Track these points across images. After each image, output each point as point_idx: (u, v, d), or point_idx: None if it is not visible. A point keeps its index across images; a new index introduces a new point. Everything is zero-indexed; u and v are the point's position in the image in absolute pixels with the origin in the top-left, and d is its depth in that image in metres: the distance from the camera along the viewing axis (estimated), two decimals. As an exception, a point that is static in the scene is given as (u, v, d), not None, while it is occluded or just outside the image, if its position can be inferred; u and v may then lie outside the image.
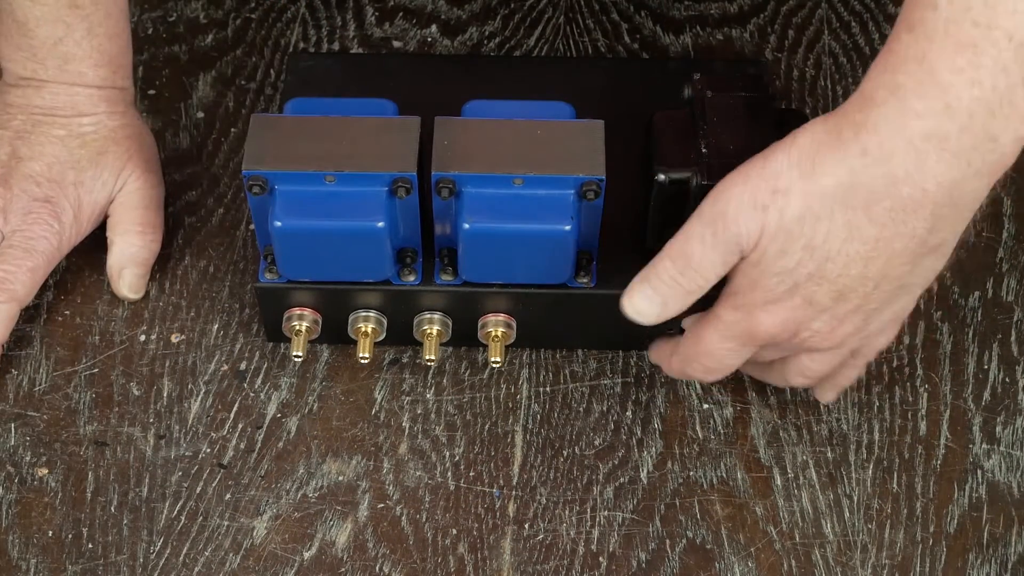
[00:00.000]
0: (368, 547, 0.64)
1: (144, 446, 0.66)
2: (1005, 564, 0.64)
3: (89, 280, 0.72)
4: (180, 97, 0.81)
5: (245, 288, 0.72)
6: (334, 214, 0.61)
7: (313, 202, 0.61)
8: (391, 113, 0.65)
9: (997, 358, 0.71)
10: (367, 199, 0.62)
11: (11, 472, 0.65)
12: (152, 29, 0.84)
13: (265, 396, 0.68)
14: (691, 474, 0.66)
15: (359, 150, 0.62)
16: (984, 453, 0.67)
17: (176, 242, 0.74)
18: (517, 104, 0.66)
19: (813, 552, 0.64)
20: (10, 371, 0.69)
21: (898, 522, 0.65)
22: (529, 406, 0.68)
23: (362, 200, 0.62)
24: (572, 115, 0.66)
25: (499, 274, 0.65)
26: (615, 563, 0.63)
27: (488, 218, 0.62)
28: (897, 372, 0.70)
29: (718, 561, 0.64)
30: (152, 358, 0.70)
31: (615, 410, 0.68)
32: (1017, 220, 0.76)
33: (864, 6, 0.87)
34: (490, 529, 0.64)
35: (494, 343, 0.67)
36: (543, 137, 0.62)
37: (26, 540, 0.63)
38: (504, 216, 0.62)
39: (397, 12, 0.85)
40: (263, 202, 0.62)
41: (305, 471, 0.66)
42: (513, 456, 0.67)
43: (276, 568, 0.63)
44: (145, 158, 0.72)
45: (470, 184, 0.62)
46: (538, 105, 0.66)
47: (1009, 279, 0.74)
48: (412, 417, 0.68)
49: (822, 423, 0.68)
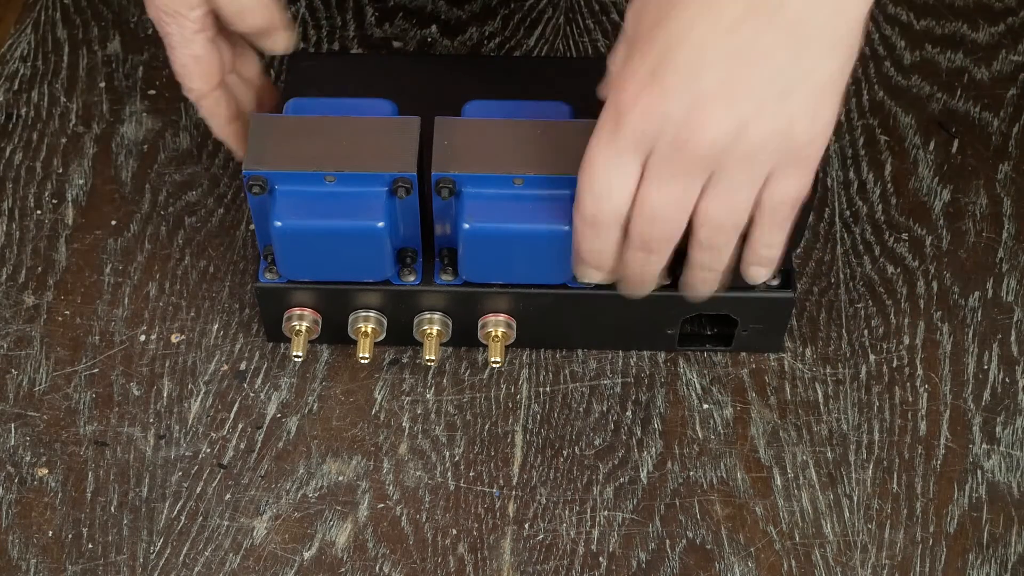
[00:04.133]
0: (368, 547, 0.64)
1: (144, 446, 0.66)
2: (1005, 564, 0.64)
3: (89, 280, 0.72)
4: (180, 97, 0.80)
5: (245, 288, 0.72)
6: (334, 214, 0.61)
7: (313, 202, 0.61)
8: (391, 113, 0.65)
9: (997, 358, 0.71)
10: (367, 199, 0.62)
11: (11, 472, 0.65)
12: (152, 29, 0.84)
13: (265, 396, 0.68)
14: (691, 474, 0.66)
15: (359, 150, 0.62)
16: (984, 453, 0.67)
17: (176, 242, 0.74)
18: (517, 104, 0.66)
19: (813, 552, 0.64)
20: (10, 371, 0.69)
21: (898, 522, 0.65)
22: (529, 406, 0.68)
23: (362, 200, 0.62)
24: (571, 115, 0.66)
25: (499, 274, 0.65)
26: (615, 563, 0.63)
27: (488, 218, 0.62)
28: (897, 372, 0.70)
29: (718, 561, 0.64)
30: (152, 358, 0.70)
31: (615, 410, 0.68)
32: (1017, 220, 0.76)
33: (864, 6, 0.86)
34: (490, 529, 0.64)
35: (494, 343, 0.67)
36: (543, 137, 0.62)
37: (26, 540, 0.63)
38: (504, 216, 0.62)
39: (397, 12, 0.85)
40: (263, 202, 0.62)
41: (305, 471, 0.66)
42: (513, 456, 0.67)
43: (276, 568, 0.63)
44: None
45: (470, 184, 0.62)
46: (538, 105, 0.66)
47: (1009, 279, 0.74)
48: (412, 417, 0.68)
49: (822, 423, 0.68)
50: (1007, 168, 0.79)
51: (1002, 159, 0.79)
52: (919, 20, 0.86)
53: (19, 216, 0.75)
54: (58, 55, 0.83)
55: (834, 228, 0.76)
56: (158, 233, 0.74)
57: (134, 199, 0.76)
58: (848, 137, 0.80)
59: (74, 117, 0.79)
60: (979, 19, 0.86)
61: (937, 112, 0.81)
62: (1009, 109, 0.81)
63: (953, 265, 0.74)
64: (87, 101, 0.80)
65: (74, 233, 0.74)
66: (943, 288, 0.73)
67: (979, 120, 0.81)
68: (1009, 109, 0.81)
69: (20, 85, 0.81)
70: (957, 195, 0.77)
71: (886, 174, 0.78)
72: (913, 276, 0.74)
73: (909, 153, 0.79)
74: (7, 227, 0.74)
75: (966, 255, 0.75)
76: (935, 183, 0.78)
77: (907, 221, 0.76)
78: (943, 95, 0.82)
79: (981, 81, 0.83)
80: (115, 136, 0.79)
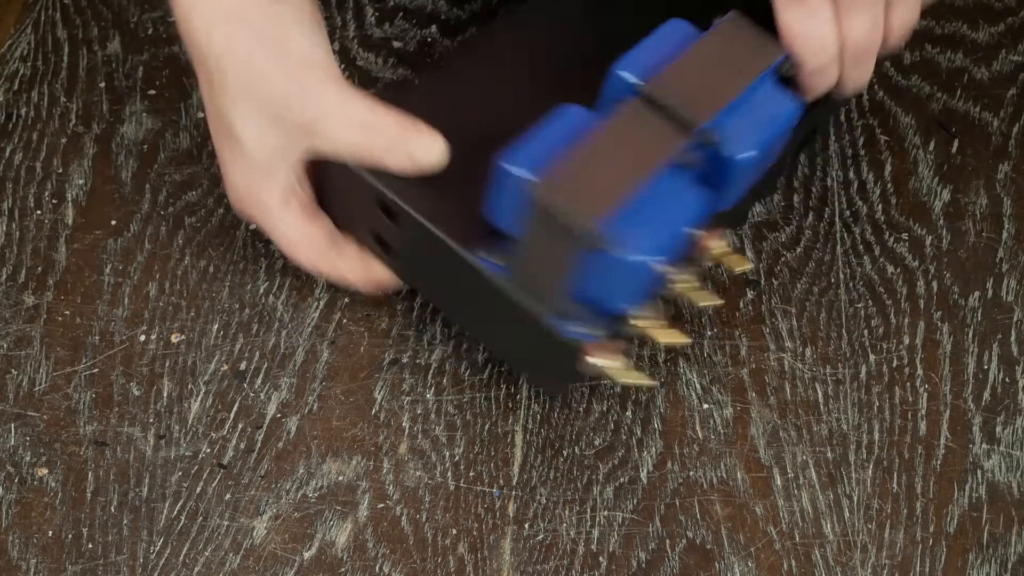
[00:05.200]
0: (368, 547, 0.64)
1: (144, 446, 0.67)
2: (1005, 564, 0.64)
3: (89, 280, 0.72)
4: (180, 97, 0.81)
5: (245, 288, 0.72)
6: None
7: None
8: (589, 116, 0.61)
9: (997, 358, 0.71)
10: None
11: (11, 472, 0.65)
12: (152, 29, 0.84)
13: (265, 396, 0.68)
14: (691, 474, 0.66)
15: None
16: (984, 453, 0.67)
17: (176, 242, 0.74)
18: (642, 46, 0.62)
19: (813, 552, 0.64)
20: (10, 371, 0.69)
21: (898, 522, 0.65)
22: (529, 406, 0.68)
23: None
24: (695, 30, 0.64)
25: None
26: (615, 563, 0.63)
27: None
28: (897, 372, 0.70)
29: (718, 561, 0.64)
30: (152, 358, 0.70)
31: (615, 410, 0.68)
32: (1017, 220, 0.76)
33: (864, 6, 0.87)
34: (490, 529, 0.64)
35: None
36: (719, 51, 0.62)
37: (26, 540, 0.63)
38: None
39: (397, 12, 0.85)
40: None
41: (305, 471, 0.66)
42: (513, 456, 0.67)
43: (276, 568, 0.63)
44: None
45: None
46: (661, 34, 0.64)
47: (1009, 279, 0.74)
48: (412, 417, 0.68)
49: (822, 423, 0.68)
50: (1007, 168, 0.79)
51: (1002, 159, 0.79)
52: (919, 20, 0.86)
53: (19, 216, 0.75)
54: (58, 55, 0.83)
55: (834, 228, 0.76)
56: (158, 233, 0.74)
57: (134, 199, 0.76)
58: (848, 137, 0.80)
59: (74, 117, 0.80)
60: (979, 19, 0.86)
61: (937, 112, 0.81)
62: (1009, 109, 0.82)
63: (953, 265, 0.74)
64: (87, 101, 0.80)
65: (74, 233, 0.74)
66: (943, 288, 0.73)
67: (979, 120, 0.81)
68: (1009, 109, 0.82)
69: (20, 85, 0.81)
70: (957, 195, 0.77)
71: (886, 174, 0.78)
72: (913, 276, 0.74)
73: (909, 153, 0.79)
74: (7, 227, 0.74)
75: (966, 255, 0.75)
76: (935, 183, 0.78)
77: (907, 221, 0.76)
78: (943, 95, 0.82)
79: (981, 81, 0.83)
80: (115, 136, 0.79)
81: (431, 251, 0.62)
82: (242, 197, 0.65)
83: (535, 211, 0.56)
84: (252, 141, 0.62)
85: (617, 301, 0.60)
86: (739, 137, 0.60)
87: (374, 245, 0.66)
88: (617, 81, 0.61)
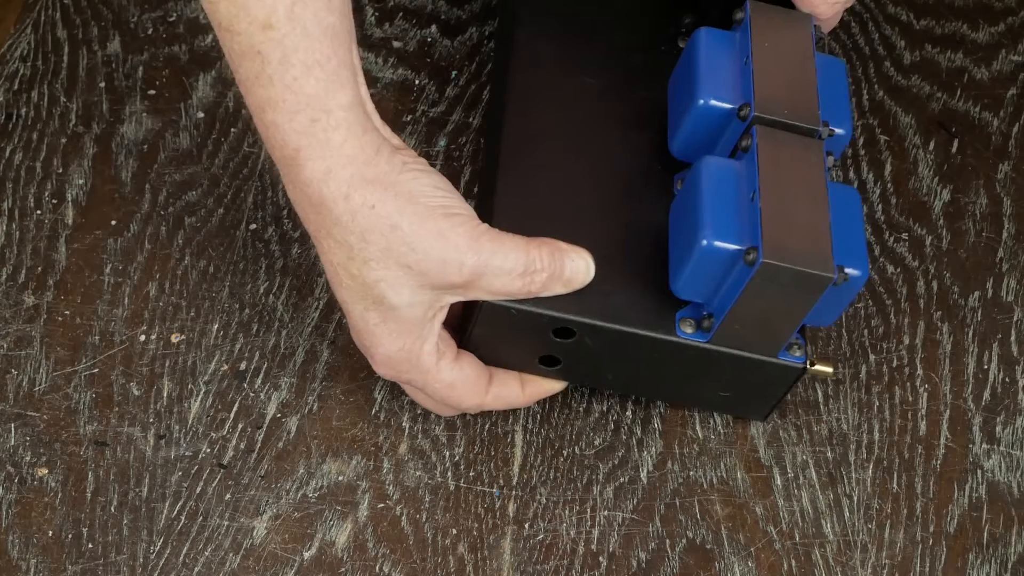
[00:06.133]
0: (368, 547, 0.64)
1: (144, 446, 0.66)
2: (1005, 564, 0.64)
3: (89, 280, 0.72)
4: (180, 97, 0.81)
5: (245, 288, 0.72)
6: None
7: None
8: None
9: (997, 358, 0.71)
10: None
11: (11, 472, 0.65)
12: (152, 29, 0.84)
13: (265, 396, 0.68)
14: (691, 474, 0.66)
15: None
16: (984, 453, 0.67)
17: (176, 242, 0.74)
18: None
19: (813, 552, 0.64)
20: (10, 371, 0.69)
21: (898, 522, 0.65)
22: (529, 406, 0.68)
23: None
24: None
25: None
26: (615, 563, 0.63)
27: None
28: (897, 372, 0.70)
29: (718, 561, 0.64)
30: (152, 358, 0.70)
31: (615, 410, 0.68)
32: (1017, 220, 0.76)
33: (864, 6, 0.87)
34: (490, 529, 0.64)
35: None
36: (774, 46, 0.62)
37: (26, 540, 0.63)
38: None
39: (397, 12, 0.85)
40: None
41: (305, 471, 0.66)
42: (513, 456, 0.67)
43: (276, 568, 0.63)
44: None
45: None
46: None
47: (1009, 279, 0.74)
48: (412, 417, 0.68)
49: (822, 423, 0.68)
50: (1007, 168, 0.79)
51: (1002, 159, 0.79)
52: (919, 20, 0.86)
53: (19, 216, 0.75)
54: (58, 55, 0.83)
55: (834, 228, 0.76)
56: (158, 233, 0.74)
57: (134, 199, 0.76)
58: (848, 137, 0.80)
59: (74, 117, 0.79)
60: (979, 19, 0.86)
61: (937, 112, 0.81)
62: (1009, 109, 0.82)
63: (953, 265, 0.74)
64: (87, 101, 0.80)
65: (74, 233, 0.74)
66: (943, 288, 0.73)
67: (979, 120, 0.81)
68: (1009, 109, 0.82)
69: (20, 85, 0.81)
70: (957, 195, 0.77)
71: (886, 174, 0.78)
72: (913, 276, 0.74)
73: (909, 153, 0.79)
74: (7, 227, 0.74)
75: (966, 255, 0.75)
76: (935, 183, 0.78)
77: (907, 221, 0.76)
78: (943, 95, 0.82)
79: (981, 81, 0.83)
80: (115, 136, 0.79)
81: (620, 348, 0.62)
82: (393, 356, 0.61)
83: (763, 275, 0.57)
84: (407, 307, 0.60)
85: (828, 318, 0.62)
86: (838, 115, 0.61)
87: (536, 367, 0.65)
88: (708, 111, 0.62)
